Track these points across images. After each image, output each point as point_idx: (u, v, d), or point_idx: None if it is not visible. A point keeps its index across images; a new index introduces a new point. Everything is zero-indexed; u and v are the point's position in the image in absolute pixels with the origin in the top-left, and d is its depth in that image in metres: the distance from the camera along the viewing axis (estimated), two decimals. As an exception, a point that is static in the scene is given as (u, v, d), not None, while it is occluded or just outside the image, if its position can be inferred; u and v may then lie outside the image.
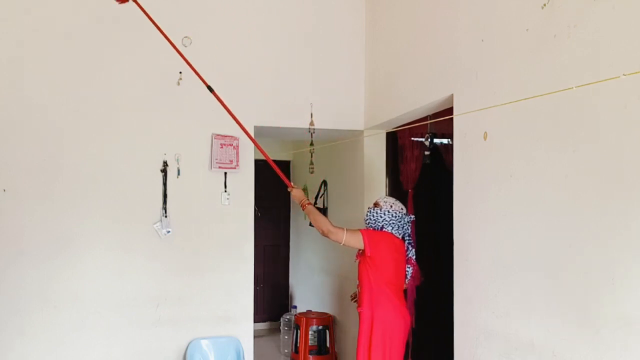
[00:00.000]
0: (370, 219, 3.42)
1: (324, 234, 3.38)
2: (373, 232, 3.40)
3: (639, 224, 1.99)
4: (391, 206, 3.44)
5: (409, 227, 3.50)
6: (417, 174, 4.09)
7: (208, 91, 4.20)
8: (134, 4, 3.33)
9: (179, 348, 4.09)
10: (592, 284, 2.19)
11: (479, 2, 2.99)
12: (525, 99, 2.49)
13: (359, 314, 3.42)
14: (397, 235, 3.42)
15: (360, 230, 3.39)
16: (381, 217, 3.40)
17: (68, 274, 3.86)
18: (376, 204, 3.49)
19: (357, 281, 3.48)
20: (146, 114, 4.07)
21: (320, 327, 5.30)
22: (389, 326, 3.34)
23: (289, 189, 3.63)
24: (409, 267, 3.49)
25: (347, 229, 3.37)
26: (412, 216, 3.56)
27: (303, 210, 3.56)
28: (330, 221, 3.43)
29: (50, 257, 3.83)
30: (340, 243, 3.36)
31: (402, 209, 3.47)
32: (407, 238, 3.49)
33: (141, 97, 4.07)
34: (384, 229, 3.39)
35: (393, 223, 3.41)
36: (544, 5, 2.45)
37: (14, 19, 3.83)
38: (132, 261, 3.99)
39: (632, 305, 2.01)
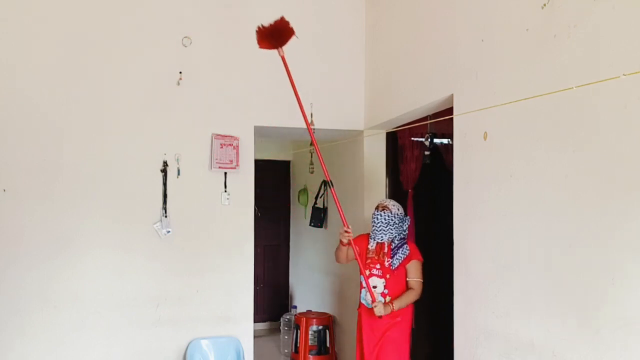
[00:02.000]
0: (382, 222, 3.48)
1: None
2: (416, 248, 3.56)
3: (639, 224, 1.99)
4: (398, 209, 3.56)
5: (407, 230, 3.60)
6: (417, 174, 4.09)
7: (208, 91, 4.22)
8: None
9: (179, 348, 4.09)
10: (592, 284, 2.19)
11: (479, 2, 2.99)
12: (525, 99, 2.50)
13: (383, 320, 3.45)
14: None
15: (417, 259, 3.51)
16: (392, 220, 3.49)
17: (68, 274, 3.86)
18: (385, 207, 3.54)
19: (385, 289, 3.47)
20: (146, 114, 4.07)
21: (320, 327, 5.30)
22: (409, 329, 3.52)
23: (373, 305, 3.35)
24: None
25: (416, 280, 3.48)
26: (409, 218, 3.65)
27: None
28: (410, 290, 3.47)
29: (50, 257, 3.83)
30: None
31: (403, 211, 3.61)
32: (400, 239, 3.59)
33: (141, 97, 4.07)
34: (393, 233, 3.49)
35: (400, 225, 3.53)
36: (544, 5, 2.45)
37: (14, 19, 3.83)
38: (132, 261, 3.99)
39: (632, 305, 2.01)
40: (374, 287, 3.46)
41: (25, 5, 3.85)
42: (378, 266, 3.49)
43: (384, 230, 3.48)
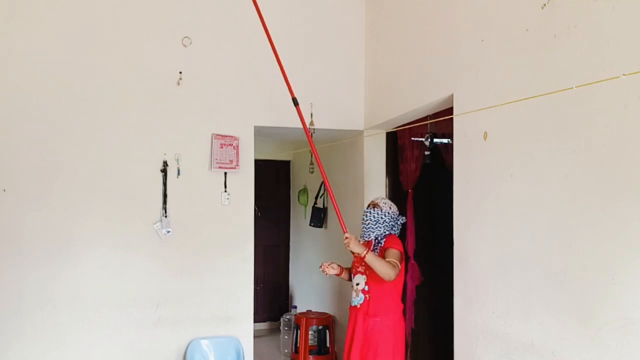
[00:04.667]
0: (371, 220, 3.42)
1: (389, 279, 3.20)
2: (396, 239, 3.41)
3: (639, 224, 1.99)
4: (390, 208, 3.48)
5: (399, 229, 3.53)
6: (417, 174, 4.09)
7: (208, 91, 4.22)
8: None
9: (179, 348, 4.09)
10: (592, 284, 2.19)
11: (479, 2, 2.99)
12: (525, 99, 2.50)
13: (361, 317, 3.40)
14: None
15: (393, 248, 3.33)
16: (382, 218, 3.42)
17: (68, 274, 3.86)
18: (375, 205, 3.49)
19: (366, 285, 3.41)
20: (146, 114, 4.07)
21: (320, 327, 5.30)
22: (398, 333, 3.38)
23: (346, 236, 3.23)
24: None
25: (393, 260, 3.26)
26: (404, 217, 3.58)
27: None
28: (387, 262, 3.23)
29: (50, 257, 3.83)
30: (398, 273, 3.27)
31: (397, 210, 3.53)
32: None
33: (141, 97, 4.07)
34: (381, 231, 3.42)
35: (392, 225, 3.46)
36: (544, 5, 2.45)
37: (14, 19, 3.83)
38: (132, 261, 3.99)
39: (632, 305, 2.01)
40: (357, 283, 3.44)
41: (26, 5, 3.85)
42: (364, 264, 3.41)
43: (372, 228, 3.41)
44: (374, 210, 3.44)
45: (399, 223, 3.50)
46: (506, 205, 2.73)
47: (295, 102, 3.34)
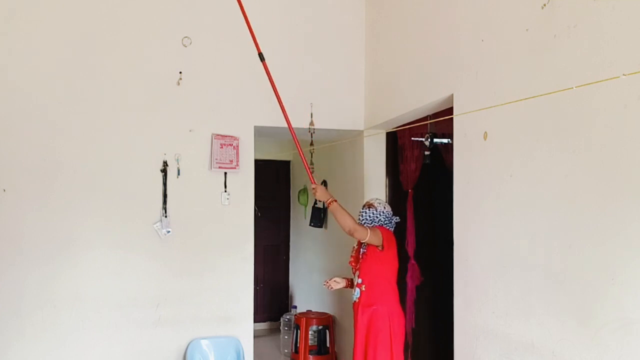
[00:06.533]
0: (367, 219, 3.52)
1: (349, 233, 3.35)
2: (385, 228, 3.52)
3: (639, 224, 1.99)
4: (384, 207, 3.59)
5: (393, 227, 3.63)
6: (417, 174, 4.09)
7: (208, 91, 4.23)
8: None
9: (179, 348, 4.09)
10: (592, 284, 2.19)
11: (479, 2, 2.99)
12: (525, 99, 2.50)
13: (359, 309, 3.46)
14: None
15: (376, 227, 3.49)
16: (377, 217, 3.53)
17: (68, 274, 3.86)
18: (370, 205, 3.59)
19: (359, 279, 3.51)
20: (146, 113, 4.07)
21: (320, 327, 5.30)
22: (395, 321, 3.43)
23: (312, 186, 3.48)
24: None
25: (368, 227, 3.42)
26: (398, 217, 3.67)
27: (328, 207, 3.43)
28: (353, 218, 3.39)
29: (50, 257, 3.83)
30: (364, 240, 3.38)
31: (390, 210, 3.64)
32: None
33: (141, 97, 4.07)
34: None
35: (386, 223, 3.56)
36: (544, 5, 2.45)
37: (14, 19, 3.83)
38: (132, 261, 3.99)
39: (632, 305, 2.01)
40: (354, 280, 3.56)
41: (25, 7, 3.85)
42: (358, 261, 3.55)
43: None
44: (369, 210, 3.55)
45: (393, 222, 3.61)
46: (506, 205, 2.73)
47: (261, 57, 3.38)
